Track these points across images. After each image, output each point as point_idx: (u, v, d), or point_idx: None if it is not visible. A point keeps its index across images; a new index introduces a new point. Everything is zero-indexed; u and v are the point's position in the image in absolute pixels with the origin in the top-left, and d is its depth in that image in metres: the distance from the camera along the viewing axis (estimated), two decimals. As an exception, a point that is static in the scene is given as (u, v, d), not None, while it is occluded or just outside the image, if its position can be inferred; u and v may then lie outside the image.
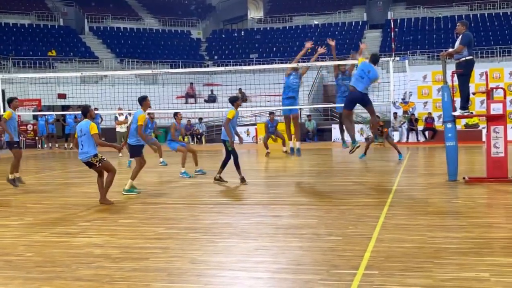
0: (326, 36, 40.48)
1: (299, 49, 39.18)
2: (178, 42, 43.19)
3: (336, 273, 5.51)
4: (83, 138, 10.09)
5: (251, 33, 43.75)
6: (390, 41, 34.61)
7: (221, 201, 10.45)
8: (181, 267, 5.89)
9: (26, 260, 6.32)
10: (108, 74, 32.16)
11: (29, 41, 38.07)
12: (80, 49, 38.70)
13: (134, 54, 39.21)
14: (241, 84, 30.75)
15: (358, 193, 10.77)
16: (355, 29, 40.88)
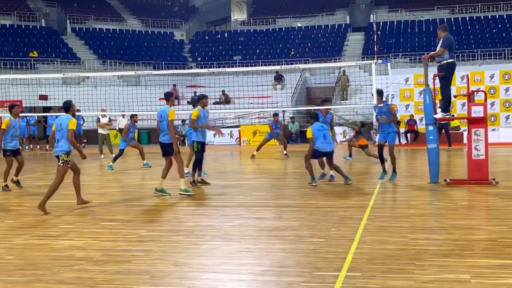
0: (309, 39, 40.74)
1: (282, 51, 39.37)
2: (161, 43, 43.05)
3: (319, 275, 5.53)
4: (62, 133, 9.89)
5: (235, 35, 43.76)
6: (372, 44, 34.81)
7: (204, 203, 10.43)
8: (164, 269, 5.88)
9: (7, 263, 6.26)
10: (90, 75, 32.00)
11: (10, 42, 37.70)
12: (62, 50, 38.41)
13: (117, 56, 39.01)
14: (225, 86, 30.77)
15: (340, 195, 10.82)
16: (338, 32, 41.08)
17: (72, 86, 31.77)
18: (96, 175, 16.41)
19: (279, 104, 31.35)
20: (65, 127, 9.82)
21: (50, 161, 22.00)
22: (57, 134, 10.02)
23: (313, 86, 34.39)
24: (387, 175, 12.87)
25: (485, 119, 11.90)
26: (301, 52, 38.82)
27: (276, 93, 33.16)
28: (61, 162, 9.88)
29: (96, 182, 14.78)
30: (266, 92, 31.18)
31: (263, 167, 17.34)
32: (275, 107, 30.09)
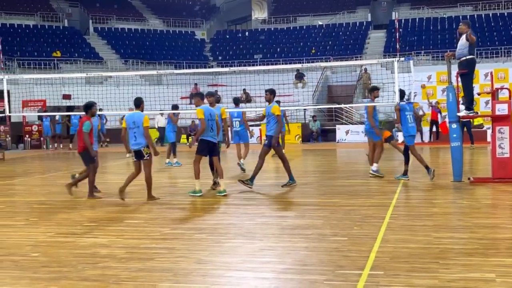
0: (330, 37, 40.59)
1: (303, 49, 39.29)
2: (183, 42, 43.22)
3: (341, 273, 5.51)
4: (138, 130, 10.35)
5: (255, 34, 43.76)
6: (394, 41, 34.56)
7: (226, 201, 10.45)
8: (187, 267, 5.91)
9: (32, 260, 6.35)
10: (113, 75, 32.22)
11: (34, 42, 38.16)
12: (85, 50, 38.78)
13: (139, 55, 39.27)
14: (245, 84, 30.79)
15: (363, 194, 10.77)
16: (359, 30, 40.86)
17: (95, 86, 32.04)
18: (121, 174, 16.52)
19: (300, 102, 31.29)
20: (141, 125, 10.31)
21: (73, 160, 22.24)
22: (130, 132, 10.44)
23: (334, 84, 34.25)
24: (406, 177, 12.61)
25: (509, 117, 11.74)
26: (322, 50, 38.69)
27: (297, 92, 33.10)
28: (147, 156, 10.41)
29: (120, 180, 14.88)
30: (287, 90, 31.09)
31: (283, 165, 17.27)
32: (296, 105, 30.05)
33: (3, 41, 31.93)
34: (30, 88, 27.88)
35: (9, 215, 9.50)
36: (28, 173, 17.06)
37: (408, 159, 12.64)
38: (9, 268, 6.06)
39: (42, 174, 16.80)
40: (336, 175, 14.54)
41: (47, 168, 19.27)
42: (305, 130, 29.00)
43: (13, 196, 12.27)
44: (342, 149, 24.10)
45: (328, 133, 29.53)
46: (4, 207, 10.38)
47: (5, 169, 18.66)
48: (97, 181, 14.54)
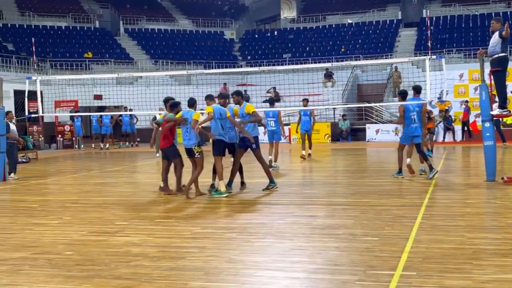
0: (360, 35, 40.32)
1: (332, 48, 39.10)
2: (212, 42, 43.41)
3: (373, 273, 5.48)
4: (188, 127, 10.68)
5: (284, 33, 43.70)
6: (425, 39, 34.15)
7: (256, 201, 10.47)
8: (218, 266, 5.93)
9: (66, 259, 6.45)
10: (143, 75, 32.54)
11: (66, 43, 38.74)
12: (116, 51, 39.23)
13: (168, 55, 39.57)
14: (274, 84, 30.79)
15: (394, 194, 10.68)
16: (389, 28, 40.50)
17: (126, 86, 32.41)
18: (150, 173, 16.69)
19: (330, 101, 31.17)
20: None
21: (105, 160, 22.53)
22: (183, 129, 10.74)
23: (364, 83, 34.02)
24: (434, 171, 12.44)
25: (544, 115, 11.51)
26: (351, 49, 38.45)
27: (327, 91, 32.97)
28: (197, 154, 10.73)
29: (150, 180, 15.04)
30: (316, 89, 30.99)
31: (313, 164, 17.27)
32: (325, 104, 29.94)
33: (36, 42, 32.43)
34: (62, 88, 28.32)
35: (43, 214, 9.67)
36: (60, 172, 17.33)
37: (425, 156, 12.81)
38: (44, 266, 6.16)
39: (74, 173, 17.06)
40: (366, 174, 14.43)
41: (79, 167, 19.56)
42: (334, 129, 28.86)
43: (47, 195, 12.48)
44: (372, 148, 23.92)
45: (358, 132, 29.35)
46: (38, 206, 10.57)
47: (38, 168, 19.00)
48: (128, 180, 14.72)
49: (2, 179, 14.59)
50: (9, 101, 27.62)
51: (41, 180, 15.17)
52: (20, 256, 6.59)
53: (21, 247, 7.10)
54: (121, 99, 29.08)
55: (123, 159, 22.23)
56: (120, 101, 30.41)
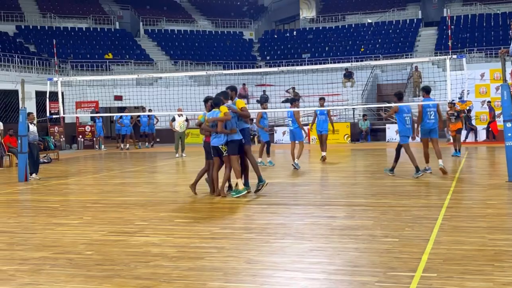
0: (380, 35, 40.09)
1: (352, 48, 38.93)
2: (231, 43, 43.47)
3: (393, 275, 5.43)
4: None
5: (303, 33, 43.62)
6: (446, 38, 33.87)
7: (275, 201, 10.46)
8: (237, 266, 5.93)
9: (86, 258, 6.49)
10: (163, 76, 32.68)
11: (87, 45, 39.08)
12: (136, 52, 39.48)
13: (188, 56, 39.73)
14: (293, 84, 30.75)
15: (414, 194, 10.59)
16: (409, 27, 40.22)
17: (145, 87, 32.61)
18: (170, 173, 16.77)
19: (349, 101, 31.04)
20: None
21: (125, 160, 22.67)
22: None
23: (384, 83, 33.82)
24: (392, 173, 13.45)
25: None
26: (371, 49, 38.26)
27: (346, 91, 32.84)
28: (225, 153, 10.75)
29: (170, 180, 15.12)
30: (336, 89, 30.87)
31: (332, 165, 17.20)
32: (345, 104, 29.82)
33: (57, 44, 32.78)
34: (83, 89, 28.57)
35: (64, 213, 9.76)
36: (81, 172, 17.48)
37: (398, 156, 13.44)
38: (64, 265, 6.21)
39: (94, 173, 17.19)
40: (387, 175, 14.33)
41: (100, 168, 19.71)
42: (354, 130, 28.73)
43: (68, 195, 12.59)
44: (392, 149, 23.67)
45: (378, 132, 29.18)
46: (59, 206, 10.66)
47: (59, 168, 19.18)
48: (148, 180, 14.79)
49: (24, 179, 14.75)
50: (31, 102, 27.96)
51: (62, 180, 15.32)
52: (41, 256, 6.65)
53: (42, 246, 7.17)
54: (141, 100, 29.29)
55: (143, 160, 22.36)
56: (140, 102, 30.63)
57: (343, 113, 30.73)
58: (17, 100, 26.74)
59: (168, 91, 28.60)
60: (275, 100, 32.62)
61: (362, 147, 25.19)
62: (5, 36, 36.14)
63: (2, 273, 5.97)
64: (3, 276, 5.86)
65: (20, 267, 6.17)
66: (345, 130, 28.53)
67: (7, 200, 12.02)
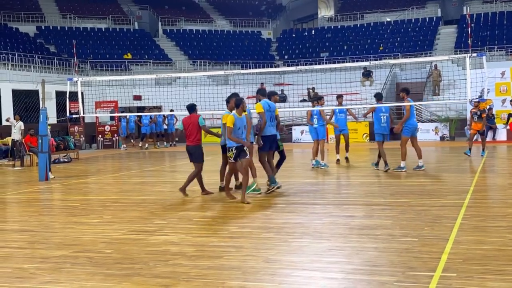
0: (399, 33, 39.83)
1: (370, 47, 38.74)
2: (249, 42, 43.51)
3: (412, 275, 5.41)
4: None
5: (322, 32, 43.51)
6: (466, 37, 33.56)
7: (293, 200, 10.45)
8: (255, 265, 5.95)
9: (106, 257, 6.55)
10: (181, 75, 32.79)
11: (106, 45, 39.37)
12: (154, 52, 39.67)
13: (206, 56, 39.83)
14: (312, 83, 30.67)
15: (434, 194, 10.52)
16: (429, 26, 39.90)
17: (164, 87, 32.76)
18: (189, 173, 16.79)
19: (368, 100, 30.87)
20: None
21: (143, 160, 22.80)
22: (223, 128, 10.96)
23: (403, 82, 33.57)
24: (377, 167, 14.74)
25: None
26: (390, 47, 38.04)
27: (365, 90, 32.65)
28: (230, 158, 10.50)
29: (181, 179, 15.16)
30: (354, 88, 30.74)
31: (351, 164, 17.12)
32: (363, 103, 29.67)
33: (77, 44, 33.07)
34: (102, 89, 28.78)
35: (84, 212, 9.85)
36: (101, 172, 17.62)
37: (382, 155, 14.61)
38: (84, 264, 6.28)
39: (114, 173, 17.31)
40: (406, 174, 14.24)
41: (119, 167, 19.85)
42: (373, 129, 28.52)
43: (88, 194, 12.70)
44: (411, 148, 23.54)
45: (397, 131, 28.96)
46: (79, 205, 10.76)
47: (79, 168, 19.35)
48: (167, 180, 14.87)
49: (44, 178, 14.91)
50: (51, 102, 28.26)
51: (82, 179, 15.45)
52: (62, 254, 6.73)
53: (62, 245, 7.24)
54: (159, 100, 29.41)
55: (162, 159, 22.47)
56: (159, 102, 30.76)
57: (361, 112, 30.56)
58: (37, 100, 27.05)
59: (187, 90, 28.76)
60: (293, 99, 32.57)
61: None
62: (26, 37, 36.55)
63: (23, 271, 6.05)
64: (24, 274, 5.94)
65: (41, 265, 6.25)
66: (364, 129, 28.40)
67: (28, 199, 12.17)
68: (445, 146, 20.76)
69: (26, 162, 20.48)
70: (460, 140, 25.48)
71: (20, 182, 15.45)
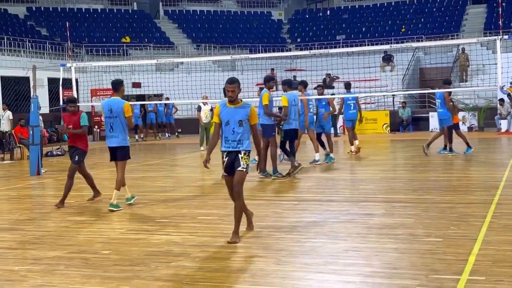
0: (423, 14, 39.62)
1: (391, 28, 38.57)
2: (258, 24, 43.42)
3: (436, 278, 5.41)
4: (113, 120, 10.06)
5: (338, 12, 43.35)
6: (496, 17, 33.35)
7: (307, 197, 10.47)
8: (265, 268, 5.97)
9: (103, 258, 6.59)
10: (184, 60, 32.82)
11: (102, 27, 39.41)
12: (155, 35, 39.68)
13: (211, 39, 39.79)
14: (327, 68, 30.61)
15: (460, 190, 10.50)
16: (455, 5, 39.66)
17: (166, 73, 32.78)
18: (193, 167, 16.88)
19: (388, 87, 30.79)
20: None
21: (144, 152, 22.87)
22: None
23: (427, 67, 33.45)
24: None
25: None
26: (413, 29, 37.85)
27: (385, 76, 32.57)
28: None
29: (192, 174, 15.23)
30: (374, 74, 30.65)
31: (370, 157, 17.11)
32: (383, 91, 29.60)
33: (70, 27, 33.08)
34: (99, 76, 28.86)
35: (79, 210, 9.91)
36: (97, 165, 17.68)
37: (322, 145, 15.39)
38: (80, 266, 6.32)
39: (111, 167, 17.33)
40: (430, 168, 14.22)
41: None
42: (394, 119, 28.51)
43: (83, 190, 12.73)
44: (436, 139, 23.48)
45: (420, 121, 28.90)
46: (74, 201, 10.81)
47: (74, 161, 19.40)
48: (169, 174, 14.91)
49: (36, 173, 15.00)
50: (43, 90, 28.36)
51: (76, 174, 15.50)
52: (55, 255, 6.78)
53: (55, 245, 7.30)
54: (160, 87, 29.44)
55: (163, 152, 22.53)
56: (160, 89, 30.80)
57: (381, 100, 30.49)
58: (28, 87, 27.16)
59: (190, 77, 28.74)
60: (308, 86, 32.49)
61: (402, 137, 24.98)
62: (15, 19, 36.66)
63: (14, 274, 6.11)
64: (15, 277, 5.99)
65: (33, 267, 6.30)
66: (384, 119, 28.30)
67: (19, 195, 12.25)
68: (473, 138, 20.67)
69: (16, 155, 20.61)
70: (489, 130, 25.38)
71: (9, 176, 15.56)
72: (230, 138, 7.30)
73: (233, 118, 7.28)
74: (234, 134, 7.28)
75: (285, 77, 35.07)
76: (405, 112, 28.50)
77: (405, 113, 28.49)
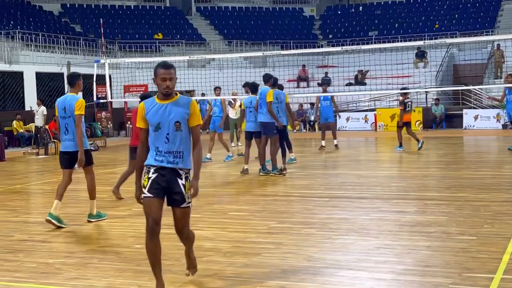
0: (457, 9, 39.13)
1: (425, 24, 38.16)
2: (290, 20, 43.33)
3: (469, 276, 5.36)
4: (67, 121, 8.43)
5: (371, 8, 43.03)
6: (533, 13, 32.77)
7: (338, 194, 10.43)
8: (296, 264, 5.97)
9: (136, 252, 6.66)
10: (216, 57, 32.91)
11: (135, 24, 39.72)
12: (187, 31, 39.88)
13: (243, 35, 39.84)
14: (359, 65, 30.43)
15: (494, 188, 10.36)
16: (490, 1, 39.04)
17: (198, 69, 32.92)
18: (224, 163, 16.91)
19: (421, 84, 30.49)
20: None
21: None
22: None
23: (461, 63, 33.02)
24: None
25: None
26: (447, 25, 37.41)
27: (418, 72, 32.26)
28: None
29: (223, 170, 15.27)
30: (407, 71, 30.40)
31: (402, 155, 16.97)
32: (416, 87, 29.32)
33: (104, 23, 33.44)
34: (132, 72, 29.10)
35: (112, 204, 10.01)
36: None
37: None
38: (113, 259, 6.40)
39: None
40: (463, 166, 14.06)
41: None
42: (426, 116, 28.23)
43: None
44: (470, 137, 23.22)
45: (454, 118, 28.58)
46: (107, 196, 10.93)
47: (107, 156, 19.65)
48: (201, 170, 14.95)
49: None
50: (77, 86, 28.63)
51: (110, 169, 15.70)
52: (89, 249, 6.87)
53: (89, 239, 7.40)
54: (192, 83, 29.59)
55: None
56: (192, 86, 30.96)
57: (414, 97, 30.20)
58: (62, 83, 27.57)
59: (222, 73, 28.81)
60: (338, 83, 32.37)
61: (435, 135, 24.72)
62: (50, 16, 37.17)
63: (49, 266, 6.20)
64: (49, 270, 6.09)
65: (67, 260, 6.40)
66: (417, 116, 28.00)
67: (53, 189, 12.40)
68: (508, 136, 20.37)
69: (50, 150, 20.89)
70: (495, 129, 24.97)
71: (44, 171, 15.80)
72: (163, 148, 5.16)
73: (166, 120, 5.14)
74: (169, 143, 5.14)
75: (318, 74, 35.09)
76: (438, 109, 28.21)
77: (438, 110, 28.20)
